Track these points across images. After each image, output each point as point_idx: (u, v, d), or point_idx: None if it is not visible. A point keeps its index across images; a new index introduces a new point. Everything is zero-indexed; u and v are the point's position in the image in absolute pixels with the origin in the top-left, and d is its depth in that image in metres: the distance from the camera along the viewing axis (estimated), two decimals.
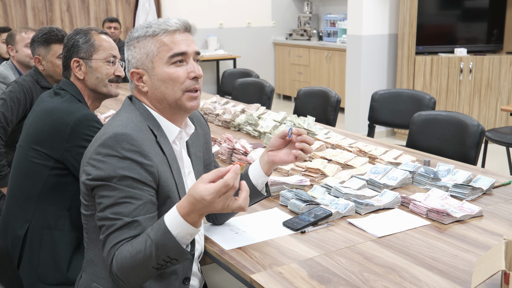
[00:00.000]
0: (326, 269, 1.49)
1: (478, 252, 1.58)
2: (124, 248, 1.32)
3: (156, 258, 1.28)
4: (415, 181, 2.18)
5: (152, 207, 1.39)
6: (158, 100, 1.51)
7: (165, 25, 1.48)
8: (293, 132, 1.59)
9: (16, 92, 2.60)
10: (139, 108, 1.51)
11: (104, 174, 1.36)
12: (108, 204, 1.36)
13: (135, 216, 1.35)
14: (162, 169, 1.44)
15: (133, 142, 1.39)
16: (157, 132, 1.49)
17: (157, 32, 1.48)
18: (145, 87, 1.51)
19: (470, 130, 2.77)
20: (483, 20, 6.09)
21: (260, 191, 1.66)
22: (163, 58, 1.47)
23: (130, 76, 1.53)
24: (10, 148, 2.68)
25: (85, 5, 7.30)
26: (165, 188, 1.44)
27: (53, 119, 1.89)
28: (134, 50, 1.50)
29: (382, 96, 3.81)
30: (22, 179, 1.94)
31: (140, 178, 1.37)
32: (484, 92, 5.78)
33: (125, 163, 1.36)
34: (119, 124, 1.43)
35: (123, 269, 1.31)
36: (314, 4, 8.81)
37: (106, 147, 1.38)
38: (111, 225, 1.35)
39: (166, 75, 1.48)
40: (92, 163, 1.39)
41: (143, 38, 1.49)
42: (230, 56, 8.04)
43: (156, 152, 1.44)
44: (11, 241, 1.92)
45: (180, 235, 1.27)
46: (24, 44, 3.25)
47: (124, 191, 1.35)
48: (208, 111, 3.50)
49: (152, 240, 1.27)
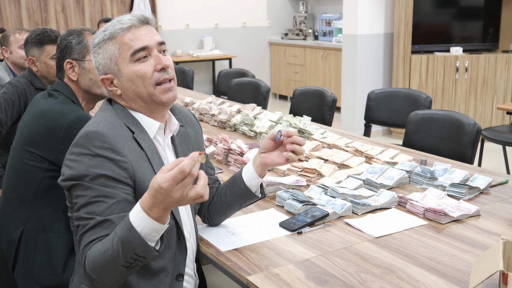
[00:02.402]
0: (323, 270, 1.48)
1: (475, 252, 1.57)
2: (95, 247, 1.30)
3: (123, 256, 1.25)
4: (412, 181, 2.17)
5: (126, 206, 1.37)
6: (133, 100, 1.49)
7: (119, 24, 1.46)
8: (282, 134, 1.55)
9: (10, 94, 2.59)
10: (116, 108, 1.50)
11: (76, 173, 1.36)
12: (82, 203, 1.35)
13: (107, 215, 1.33)
14: (138, 165, 1.42)
15: (104, 139, 1.38)
16: (135, 128, 1.47)
17: (113, 33, 1.46)
18: (118, 90, 1.49)
19: (467, 129, 2.76)
20: (478, 18, 6.10)
21: (254, 193, 1.64)
22: (125, 58, 1.45)
23: (101, 83, 1.52)
24: (4, 150, 2.66)
25: (80, 5, 7.27)
26: (142, 184, 1.42)
27: (47, 121, 1.87)
28: (98, 57, 1.49)
29: (378, 95, 3.80)
30: (16, 181, 1.93)
31: (113, 175, 1.36)
32: (480, 91, 5.79)
33: (97, 160, 1.36)
34: (91, 123, 1.44)
35: (95, 268, 1.29)
36: (310, 3, 8.80)
37: (78, 146, 1.39)
38: (84, 225, 1.34)
39: (132, 73, 1.45)
40: (66, 163, 1.40)
41: (103, 42, 1.47)
42: (226, 56, 8.02)
43: (131, 148, 1.43)
44: (5, 243, 1.90)
45: (145, 231, 1.23)
46: (18, 45, 3.23)
47: (96, 190, 1.34)
48: (203, 111, 3.48)
49: (119, 237, 1.25)
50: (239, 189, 1.63)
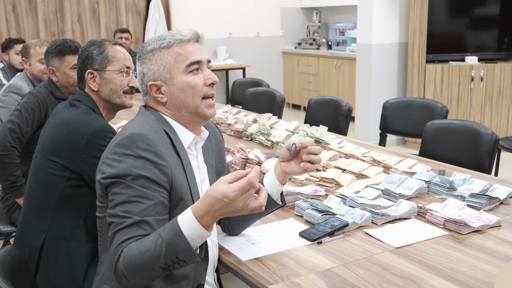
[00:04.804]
0: (345, 280, 1.48)
1: (497, 263, 1.56)
2: (133, 246, 1.33)
3: (164, 258, 1.29)
4: (430, 191, 2.16)
5: (162, 210, 1.40)
6: (177, 109, 1.54)
7: (179, 36, 1.52)
8: (297, 147, 1.59)
9: (31, 103, 2.62)
10: (155, 114, 1.55)
11: (118, 172, 1.39)
12: (120, 201, 1.38)
13: (144, 216, 1.36)
14: (176, 171, 1.46)
15: (149, 142, 1.42)
16: (172, 136, 1.52)
17: (172, 43, 1.51)
18: (164, 97, 1.54)
19: (484, 139, 2.75)
20: (493, 27, 6.07)
21: (275, 201, 1.66)
22: (180, 68, 1.51)
23: (147, 89, 1.55)
24: (24, 159, 2.69)
25: (96, 16, 7.36)
26: (178, 189, 1.46)
27: (69, 130, 1.90)
28: (150, 63, 1.53)
29: (393, 105, 3.80)
30: (39, 190, 1.95)
31: (154, 178, 1.39)
32: (496, 100, 5.75)
33: (140, 162, 1.39)
34: (135, 125, 1.47)
35: (130, 267, 1.32)
36: (323, 13, 8.83)
37: (122, 146, 1.42)
38: (120, 223, 1.36)
39: (185, 83, 1.51)
40: (107, 162, 1.43)
41: (158, 50, 1.52)
42: (240, 65, 8.06)
43: (170, 154, 1.47)
44: (28, 252, 1.92)
45: (192, 237, 1.28)
46: (37, 59, 3.27)
47: (136, 189, 1.37)
48: (220, 121, 3.50)
49: (163, 239, 1.29)
50: None
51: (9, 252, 1.55)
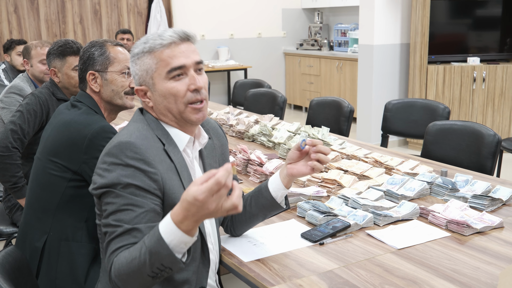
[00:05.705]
0: (347, 281, 1.47)
1: (500, 265, 1.55)
2: (122, 255, 1.31)
3: (150, 266, 1.26)
4: (433, 192, 2.16)
5: (154, 216, 1.38)
6: (163, 114, 1.51)
7: (160, 39, 1.46)
8: (307, 144, 1.58)
9: (32, 104, 2.62)
10: (148, 119, 1.52)
11: (108, 181, 1.38)
12: (111, 211, 1.37)
13: (135, 224, 1.34)
14: (167, 177, 1.44)
15: (137, 150, 1.40)
16: (165, 140, 1.49)
17: (153, 48, 1.46)
18: (150, 102, 1.51)
19: (486, 140, 2.74)
20: (496, 28, 6.06)
21: (279, 204, 1.65)
22: (161, 74, 1.46)
23: (135, 93, 1.54)
24: (26, 160, 2.69)
25: (98, 17, 7.37)
26: (171, 196, 1.43)
27: (71, 131, 1.90)
28: (136, 67, 1.50)
29: (395, 105, 3.79)
30: (40, 191, 1.95)
31: (143, 186, 1.38)
32: (498, 101, 5.74)
33: (128, 170, 1.38)
34: (124, 133, 1.46)
35: (120, 276, 1.30)
36: (325, 14, 8.82)
37: (110, 155, 1.40)
38: (112, 232, 1.35)
39: (166, 90, 1.46)
40: (98, 172, 1.42)
41: (142, 54, 1.48)
42: (241, 66, 8.06)
43: (162, 159, 1.44)
44: (29, 252, 1.92)
45: (174, 243, 1.24)
46: (38, 59, 3.27)
47: (126, 198, 1.36)
48: (221, 122, 3.50)
49: (147, 247, 1.26)
50: (265, 200, 1.65)
51: (10, 253, 1.55)
